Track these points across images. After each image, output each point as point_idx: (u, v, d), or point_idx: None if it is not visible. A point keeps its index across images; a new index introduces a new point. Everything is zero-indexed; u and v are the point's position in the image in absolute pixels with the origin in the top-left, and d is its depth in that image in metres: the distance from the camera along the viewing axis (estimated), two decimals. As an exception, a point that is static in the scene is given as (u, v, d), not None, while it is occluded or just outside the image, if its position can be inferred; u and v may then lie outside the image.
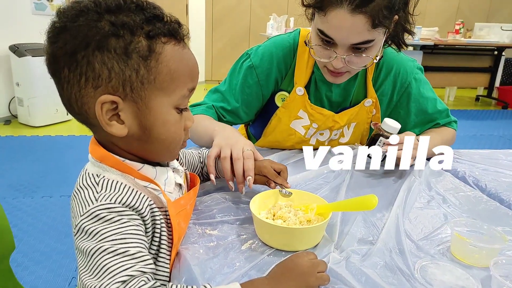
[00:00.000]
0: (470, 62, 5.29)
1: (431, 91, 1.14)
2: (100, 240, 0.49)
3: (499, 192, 0.90)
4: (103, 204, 0.52)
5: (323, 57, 0.95)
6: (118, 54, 0.52)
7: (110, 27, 0.51)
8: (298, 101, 1.07)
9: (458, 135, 1.19)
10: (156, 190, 0.61)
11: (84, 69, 0.52)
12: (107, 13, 0.52)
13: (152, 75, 0.54)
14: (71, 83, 0.53)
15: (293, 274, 0.52)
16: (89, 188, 0.55)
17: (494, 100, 5.59)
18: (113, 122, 0.55)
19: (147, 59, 0.53)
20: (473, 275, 0.59)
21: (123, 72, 0.52)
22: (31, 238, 1.85)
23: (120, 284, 0.46)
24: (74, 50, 0.51)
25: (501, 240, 0.63)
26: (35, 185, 2.43)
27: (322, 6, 0.87)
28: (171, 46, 0.55)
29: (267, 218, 0.69)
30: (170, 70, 0.55)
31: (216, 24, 6.02)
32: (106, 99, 0.53)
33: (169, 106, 0.57)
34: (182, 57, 0.57)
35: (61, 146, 3.16)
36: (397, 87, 1.10)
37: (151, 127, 0.57)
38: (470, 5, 6.52)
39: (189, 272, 0.57)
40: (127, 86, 0.53)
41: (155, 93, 0.55)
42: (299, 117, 1.08)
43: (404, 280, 0.57)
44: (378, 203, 0.81)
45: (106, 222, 0.51)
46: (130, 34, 0.52)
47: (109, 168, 0.58)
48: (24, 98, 3.65)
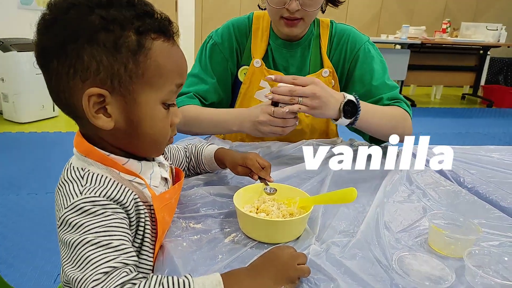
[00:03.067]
0: (456, 61, 5.38)
1: (381, 64, 1.13)
2: (84, 232, 0.50)
3: (476, 186, 0.93)
4: (87, 197, 0.52)
5: (279, 3, 1.02)
6: (108, 48, 0.52)
7: (101, 21, 0.52)
8: (257, 72, 1.13)
9: (444, 133, 1.23)
10: (141, 185, 0.62)
11: (73, 61, 0.52)
12: (98, 8, 0.52)
13: (140, 70, 0.54)
14: (60, 74, 0.53)
15: (273, 265, 0.53)
16: (74, 182, 0.55)
17: (479, 99, 5.69)
18: (100, 115, 0.55)
19: (136, 53, 0.54)
20: (448, 265, 0.60)
21: (112, 66, 0.53)
22: (16, 235, 1.83)
23: (103, 275, 0.47)
24: (64, 42, 0.52)
25: (476, 231, 0.65)
26: (21, 182, 2.40)
27: None
28: (160, 42, 0.56)
29: (251, 211, 0.70)
30: (159, 66, 0.56)
31: (205, 20, 6.00)
32: (93, 92, 0.53)
33: (157, 101, 0.58)
34: (171, 54, 0.58)
35: (47, 143, 3.12)
36: (347, 55, 1.15)
37: (138, 122, 0.57)
38: (457, 5, 6.61)
39: (172, 264, 0.58)
40: (115, 79, 0.53)
41: (143, 88, 0.56)
42: (261, 87, 1.14)
43: (382, 271, 0.59)
44: (360, 197, 0.83)
45: (90, 214, 0.51)
46: (120, 29, 0.52)
47: (93, 162, 0.58)
48: (9, 93, 3.60)
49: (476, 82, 5.57)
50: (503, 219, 0.78)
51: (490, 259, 0.61)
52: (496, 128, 4.24)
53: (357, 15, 6.30)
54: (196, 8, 5.88)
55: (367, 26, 6.36)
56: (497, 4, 6.65)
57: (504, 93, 5.41)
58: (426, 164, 1.06)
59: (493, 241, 0.69)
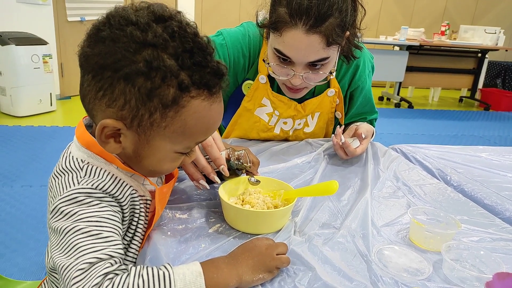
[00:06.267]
0: (454, 64, 5.39)
1: (370, 91, 1.23)
2: (76, 220, 0.50)
3: (462, 185, 0.94)
4: (83, 188, 0.53)
5: (282, 75, 0.98)
6: (141, 93, 0.51)
7: (145, 64, 0.50)
8: (261, 89, 1.09)
9: (440, 135, 1.24)
10: (139, 179, 0.63)
11: (105, 86, 0.52)
12: (154, 37, 0.50)
13: (164, 123, 0.53)
14: (90, 87, 0.53)
15: (252, 254, 0.54)
16: (73, 172, 0.56)
17: (477, 102, 5.70)
18: (110, 141, 0.55)
19: (167, 108, 0.52)
20: (426, 258, 0.62)
21: (138, 109, 0.52)
22: (8, 226, 1.84)
23: (87, 265, 0.47)
24: (104, 66, 0.51)
25: (455, 226, 0.66)
26: (15, 174, 2.40)
27: (277, 26, 0.89)
28: (198, 101, 0.53)
29: (236, 203, 0.71)
30: (186, 125, 0.54)
31: (205, 18, 6.00)
32: (109, 124, 0.53)
33: (170, 151, 0.58)
34: (204, 115, 0.55)
35: (44, 137, 3.12)
36: (355, 79, 1.14)
37: (144, 157, 0.58)
38: (456, 8, 6.62)
39: (154, 252, 0.59)
40: (135, 120, 0.53)
41: (161, 137, 0.55)
42: (263, 104, 1.11)
43: (362, 262, 0.60)
44: (346, 192, 0.84)
45: (84, 205, 0.52)
46: (161, 79, 0.50)
47: (94, 155, 0.58)
48: (7, 87, 3.59)
49: (474, 85, 5.58)
50: (485, 216, 0.79)
51: (468, 253, 0.62)
52: (491, 131, 4.25)
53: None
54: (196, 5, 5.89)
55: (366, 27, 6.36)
56: (496, 8, 6.66)
57: (501, 97, 5.42)
58: (413, 162, 1.09)
59: (473, 237, 0.70)
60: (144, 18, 0.51)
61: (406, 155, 1.15)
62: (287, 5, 0.86)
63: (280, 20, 0.87)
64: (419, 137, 3.78)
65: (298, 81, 0.96)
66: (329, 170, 0.98)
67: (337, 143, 1.00)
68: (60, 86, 4.37)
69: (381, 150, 1.13)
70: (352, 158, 1.02)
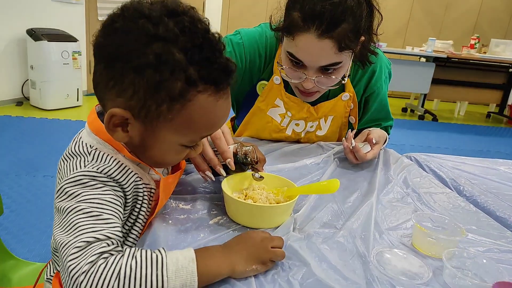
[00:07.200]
0: (483, 78, 5.24)
1: (386, 97, 1.21)
2: (79, 201, 0.52)
3: (475, 196, 0.91)
4: (89, 171, 0.55)
5: (294, 78, 0.98)
6: (149, 85, 0.52)
7: (155, 57, 0.51)
8: (275, 89, 1.10)
9: (464, 149, 1.22)
10: (146, 168, 0.64)
11: (115, 76, 0.53)
12: (165, 31, 0.51)
13: (170, 115, 0.54)
14: (102, 76, 0.55)
15: (246, 245, 0.55)
16: (81, 156, 0.58)
17: (505, 118, 5.52)
18: (118, 129, 0.57)
19: (174, 100, 0.53)
20: (427, 263, 0.60)
21: (145, 101, 0.53)
22: (28, 213, 1.91)
23: (85, 244, 0.48)
24: (115, 57, 0.53)
25: (460, 234, 0.65)
26: (38, 165, 2.49)
27: (290, 30, 0.89)
28: (205, 96, 0.54)
29: (239, 198, 0.71)
30: (191, 119, 0.55)
31: (231, 23, 6.07)
32: (117, 113, 0.54)
33: (176, 143, 0.59)
34: (210, 110, 0.56)
35: (68, 130, 3.23)
36: (371, 85, 1.13)
37: (150, 147, 0.59)
38: (489, 21, 6.46)
39: (153, 238, 0.60)
40: (143, 111, 0.54)
41: (167, 129, 0.56)
42: (276, 105, 1.11)
43: (359, 263, 0.59)
44: (352, 195, 0.84)
45: (88, 187, 0.54)
46: (169, 73, 0.51)
47: (102, 142, 0.60)
48: (37, 81, 3.74)
49: (503, 101, 5.41)
50: (495, 227, 0.77)
51: (472, 262, 0.61)
52: (519, 148, 4.11)
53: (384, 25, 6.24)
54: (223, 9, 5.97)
55: (394, 37, 6.28)
56: (531, 23, 6.46)
57: (532, 114, 5.24)
58: (426, 170, 1.06)
59: (480, 247, 0.68)
60: (157, 12, 0.52)
61: (420, 163, 1.12)
62: (301, 9, 0.87)
63: (293, 24, 0.88)
64: (442, 150, 3.68)
65: (310, 84, 0.96)
66: (337, 172, 0.97)
67: (347, 147, 0.99)
68: (88, 82, 4.52)
69: (394, 156, 1.11)
70: (362, 162, 1.01)
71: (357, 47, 0.93)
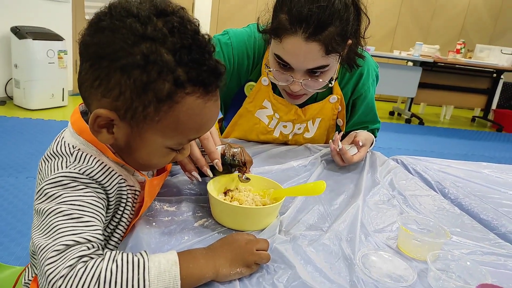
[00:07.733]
0: (468, 83, 5.33)
1: (373, 100, 1.21)
2: (59, 203, 0.50)
3: (460, 198, 0.92)
4: (70, 172, 0.53)
5: (281, 81, 0.98)
6: (136, 85, 0.50)
7: (142, 57, 0.50)
8: (263, 91, 1.09)
9: (449, 152, 1.23)
10: (130, 170, 0.63)
11: (101, 76, 0.52)
12: (153, 30, 0.50)
13: (157, 117, 0.53)
14: (87, 75, 0.54)
15: (231, 247, 0.54)
16: (63, 157, 0.56)
17: (489, 122, 5.62)
18: (103, 130, 0.55)
19: (161, 102, 0.52)
20: (412, 266, 0.60)
21: (132, 101, 0.52)
22: (10, 215, 1.86)
23: (64, 247, 0.47)
24: (102, 56, 0.51)
25: (444, 236, 0.65)
26: (21, 166, 2.43)
27: (277, 33, 0.89)
28: (193, 98, 0.53)
29: (225, 199, 0.70)
30: (178, 121, 0.54)
31: (220, 24, 6.06)
32: (103, 114, 0.53)
33: (162, 146, 0.58)
34: (198, 112, 0.55)
35: (53, 130, 3.16)
36: (358, 87, 1.14)
37: (135, 149, 0.58)
38: (474, 27, 6.57)
39: (136, 240, 0.59)
40: (129, 112, 0.53)
41: (153, 131, 0.55)
42: (264, 106, 1.11)
43: (345, 265, 0.59)
44: (339, 197, 0.83)
45: (69, 188, 0.52)
46: (157, 73, 0.50)
47: (86, 143, 0.59)
48: (21, 80, 3.67)
49: (487, 106, 5.51)
50: (479, 230, 0.77)
51: (456, 264, 0.61)
52: (503, 152, 4.18)
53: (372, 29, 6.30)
54: (213, 10, 5.96)
55: (382, 41, 6.35)
56: (515, 29, 6.60)
57: (515, 119, 5.34)
58: (412, 173, 1.07)
59: (464, 249, 0.69)
60: (146, 11, 0.51)
61: (406, 166, 1.13)
62: (288, 12, 0.86)
63: (281, 27, 0.88)
64: (428, 153, 3.73)
65: (297, 87, 0.96)
66: (324, 174, 0.97)
67: (334, 149, 0.99)
68: (73, 82, 4.44)
69: (380, 159, 1.12)
70: (349, 165, 1.01)
71: (344, 50, 0.93)
